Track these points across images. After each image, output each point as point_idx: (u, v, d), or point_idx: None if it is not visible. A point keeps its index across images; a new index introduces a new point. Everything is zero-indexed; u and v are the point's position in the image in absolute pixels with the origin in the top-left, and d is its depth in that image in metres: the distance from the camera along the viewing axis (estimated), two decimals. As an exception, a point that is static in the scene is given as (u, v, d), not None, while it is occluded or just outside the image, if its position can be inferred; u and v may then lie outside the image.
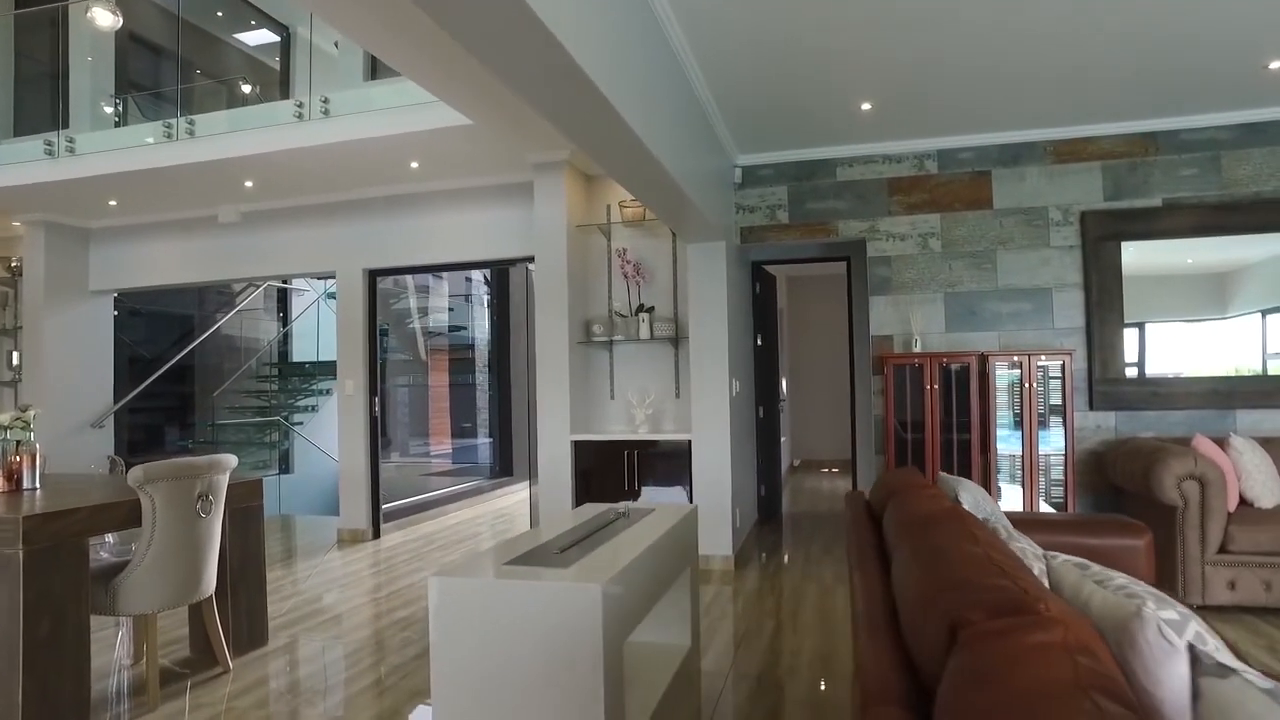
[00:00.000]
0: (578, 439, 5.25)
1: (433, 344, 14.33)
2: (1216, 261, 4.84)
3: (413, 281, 13.16)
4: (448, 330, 14.53)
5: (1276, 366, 4.68)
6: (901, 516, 1.95)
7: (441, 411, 14.33)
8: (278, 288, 9.82)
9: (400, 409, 13.88)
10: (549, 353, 5.31)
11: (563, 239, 5.30)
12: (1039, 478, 4.73)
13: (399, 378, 13.48)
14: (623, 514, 2.93)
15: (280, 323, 10.01)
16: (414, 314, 13.21)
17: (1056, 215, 4.99)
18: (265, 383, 9.34)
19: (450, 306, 14.76)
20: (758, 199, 5.48)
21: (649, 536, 2.52)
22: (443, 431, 14.29)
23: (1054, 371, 4.75)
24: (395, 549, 5.83)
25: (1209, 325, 4.82)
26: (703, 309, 5.06)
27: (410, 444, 13.64)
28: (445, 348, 14.34)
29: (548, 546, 2.37)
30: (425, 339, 13.62)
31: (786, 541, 5.80)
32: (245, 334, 9.85)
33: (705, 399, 5.03)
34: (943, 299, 5.14)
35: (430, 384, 14.30)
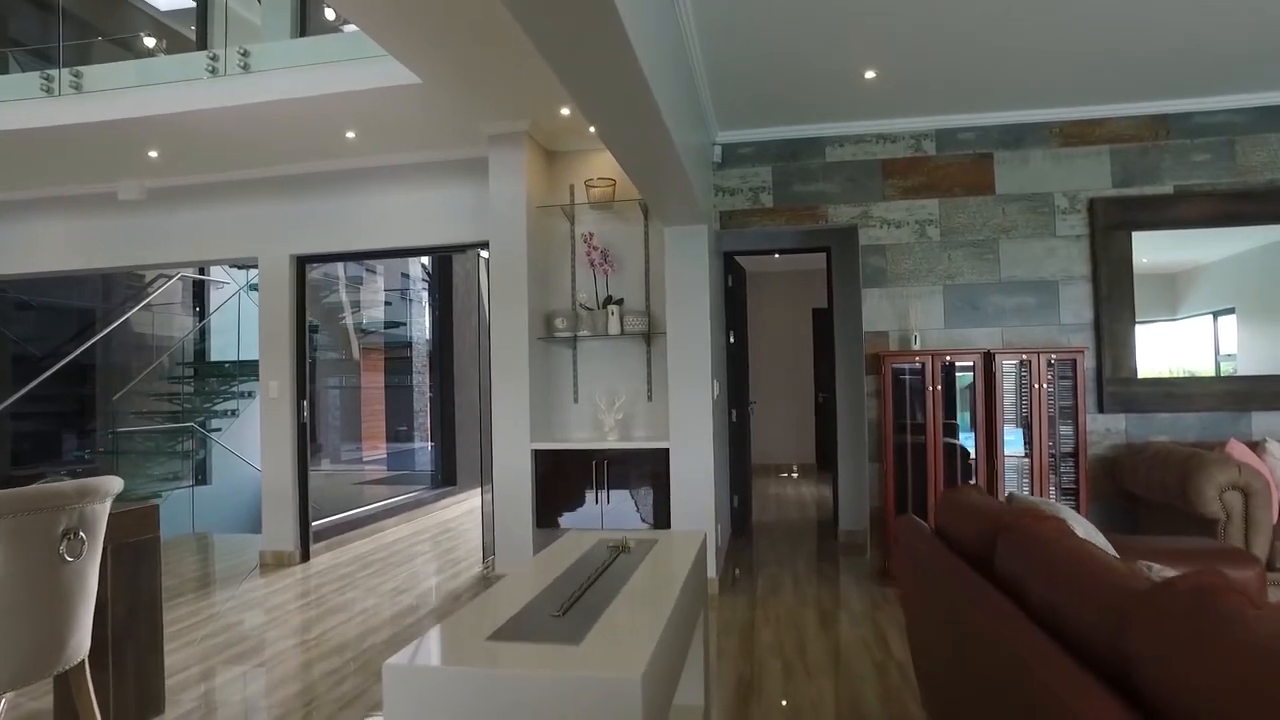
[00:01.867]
0: (539, 448, 4.64)
1: (367, 342, 13.45)
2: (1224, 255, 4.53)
3: (344, 272, 12.29)
4: (384, 327, 13.66)
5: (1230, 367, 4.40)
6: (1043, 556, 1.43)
7: (377, 415, 13.46)
8: (193, 279, 8.88)
9: (331, 413, 12.97)
10: (505, 350, 4.68)
11: (521, 221, 4.69)
12: (1049, 485, 4.33)
13: (330, 378, 12.57)
14: (624, 548, 2.35)
15: (196, 317, 9.07)
16: (346, 309, 12.35)
17: (1063, 202, 4.61)
18: (180, 384, 8.41)
19: (387, 300, 13.90)
20: (739, 180, 4.96)
21: (668, 585, 1.95)
22: (379, 437, 13.41)
23: (1064, 371, 4.36)
24: (326, 574, 5.11)
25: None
26: (682, 300, 4.51)
27: (343, 451, 12.74)
28: (381, 346, 13.47)
29: (539, 605, 1.78)
30: (359, 336, 12.76)
31: (767, 558, 5.29)
32: (159, 331, 8.88)
33: (684, 402, 4.48)
34: (942, 292, 4.71)
35: (365, 385, 13.42)
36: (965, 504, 2.07)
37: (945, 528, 2.14)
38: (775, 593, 4.41)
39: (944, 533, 2.14)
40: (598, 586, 1.93)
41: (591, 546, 2.43)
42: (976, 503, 2.01)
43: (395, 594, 4.57)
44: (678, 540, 2.47)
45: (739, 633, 3.72)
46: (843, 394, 5.76)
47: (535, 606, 1.76)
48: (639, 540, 2.49)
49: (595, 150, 4.99)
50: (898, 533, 2.44)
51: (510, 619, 1.68)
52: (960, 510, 2.06)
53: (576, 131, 4.80)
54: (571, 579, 2.01)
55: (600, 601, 1.79)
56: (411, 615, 4.13)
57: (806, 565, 5.04)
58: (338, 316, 12.18)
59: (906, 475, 4.50)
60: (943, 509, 2.22)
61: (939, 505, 2.30)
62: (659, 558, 2.23)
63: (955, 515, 2.09)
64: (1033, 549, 1.50)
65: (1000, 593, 1.57)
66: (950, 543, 2.04)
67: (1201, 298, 4.53)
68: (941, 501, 2.28)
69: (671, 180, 3.69)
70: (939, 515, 2.25)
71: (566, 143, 4.98)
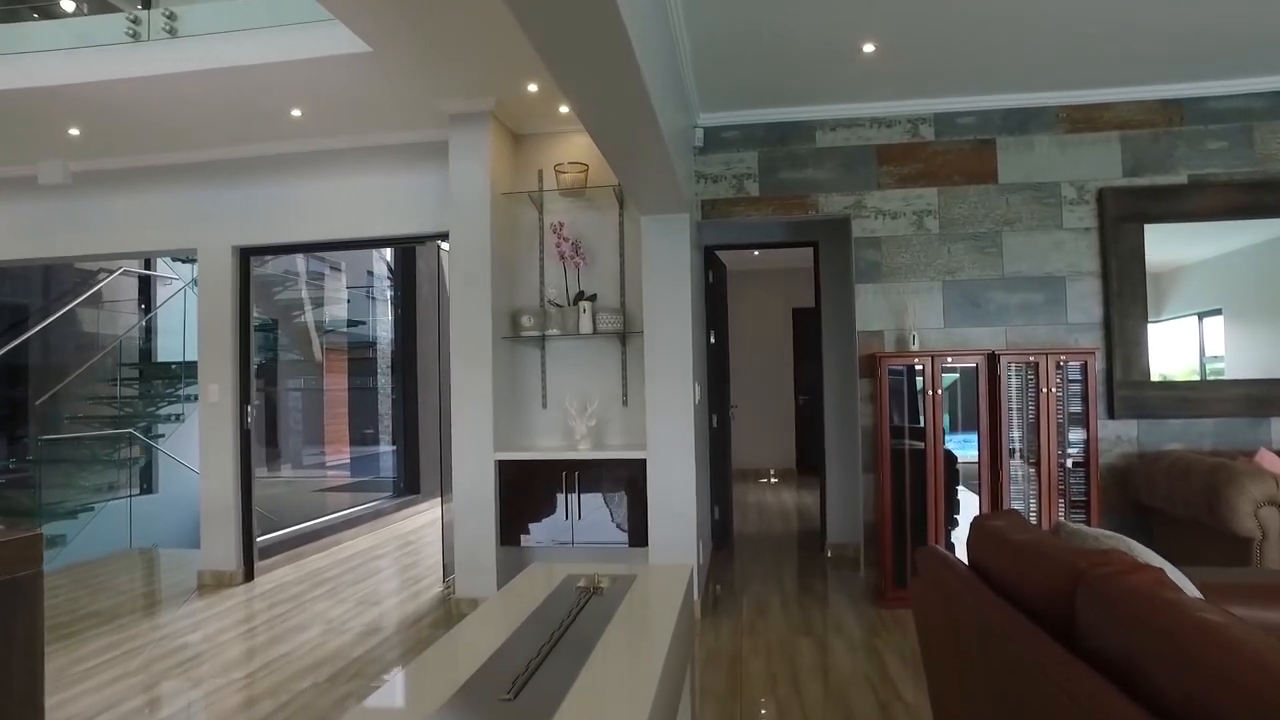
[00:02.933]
0: (503, 457, 4.22)
1: (329, 341, 12.91)
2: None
3: (304, 267, 11.77)
4: (347, 325, 13.13)
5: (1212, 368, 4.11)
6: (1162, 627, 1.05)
7: (340, 419, 12.94)
8: (139, 274, 8.33)
9: (293, 416, 12.43)
10: (466, 351, 4.26)
11: (485, 209, 4.27)
12: (1057, 498, 4.00)
13: (290, 380, 12.03)
14: (595, 590, 1.95)
15: (142, 314, 8.51)
16: (306, 306, 11.82)
17: (1070, 192, 4.29)
18: (123, 387, 7.85)
19: (349, 299, 13.38)
20: (722, 166, 4.58)
21: (649, 649, 1.56)
22: (342, 442, 12.89)
23: (1073, 374, 4.03)
24: (272, 596, 4.64)
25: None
26: (661, 296, 4.11)
27: (305, 457, 12.20)
28: (345, 346, 12.95)
29: (486, 680, 1.37)
30: (321, 336, 12.22)
31: (751, 576, 4.92)
32: (104, 329, 8.31)
33: (663, 408, 4.09)
34: (941, 288, 4.37)
35: (326, 388, 12.89)
36: (1012, 540, 1.70)
37: (986, 565, 1.77)
38: (763, 615, 4.03)
39: (985, 571, 1.77)
40: (563, 647, 1.53)
41: (558, 585, 2.03)
42: (1029, 540, 1.64)
43: (344, 620, 4.12)
44: (658, 578, 2.08)
45: (726, 665, 3.33)
46: (831, 398, 5.40)
47: (481, 681, 1.36)
48: (613, 578, 2.09)
49: (566, 133, 4.59)
50: (919, 567, 2.07)
51: (453, 696, 1.27)
52: (1005, 546, 1.69)
53: (546, 112, 4.40)
54: (531, 635, 1.60)
55: (564, 674, 1.39)
56: (360, 646, 3.69)
57: (794, 583, 4.67)
58: (295, 315, 11.65)
59: (904, 486, 4.15)
60: (981, 542, 1.85)
61: (973, 536, 1.93)
62: (636, 605, 1.83)
63: (999, 551, 1.72)
64: (1140, 615, 1.12)
65: (1084, 663, 1.20)
66: (997, 586, 1.66)
67: (1185, 298, 4.24)
68: (976, 532, 1.91)
69: (653, 163, 3.31)
70: (974, 548, 1.88)
71: (535, 124, 4.57)
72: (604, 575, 2.08)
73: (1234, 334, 4.20)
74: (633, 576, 2.12)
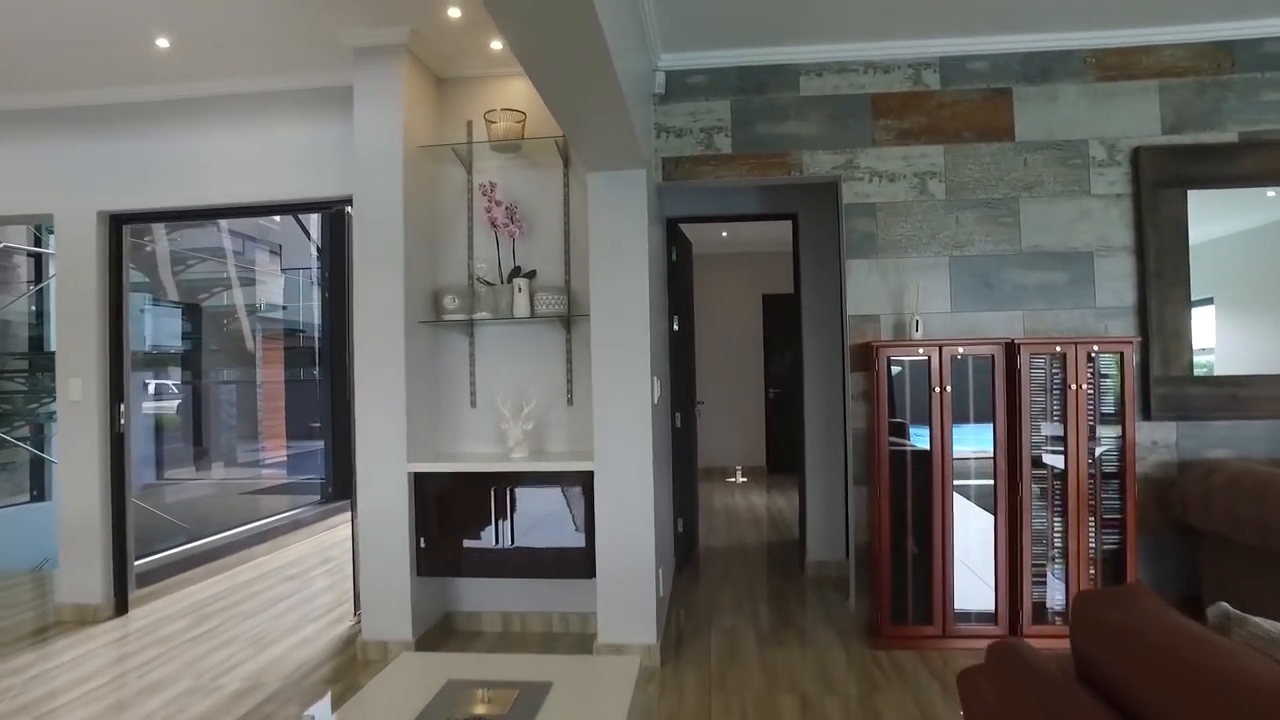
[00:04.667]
0: (420, 469, 3.44)
1: (266, 329, 11.94)
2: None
3: (230, 244, 10.78)
4: (282, 310, 12.17)
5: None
6: None
7: (275, 414, 12.00)
8: (28, 250, 7.34)
9: (224, 411, 11.46)
10: (374, 339, 3.47)
11: (396, 166, 3.47)
12: (1086, 515, 3.34)
13: (218, 372, 11.05)
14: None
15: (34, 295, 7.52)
16: (235, 289, 10.84)
17: (1100, 152, 3.61)
18: (4, 380, 6.89)
19: (285, 280, 12.40)
20: (688, 118, 3.83)
21: None
22: (277, 439, 11.94)
23: (1106, 367, 3.36)
24: (142, 637, 3.81)
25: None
26: (611, 271, 3.35)
27: (236, 456, 11.24)
28: (280, 334, 11.98)
29: None
30: (252, 322, 11.26)
31: (720, 602, 4.20)
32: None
33: (614, 409, 3.34)
34: (947, 265, 3.67)
35: (261, 380, 11.93)
36: (1178, 654, 0.97)
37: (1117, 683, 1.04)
38: (736, 660, 3.31)
39: (1109, 686, 1.04)
40: None
41: (439, 692, 1.27)
42: (1218, 664, 0.91)
43: (220, 672, 3.32)
44: (594, 681, 1.33)
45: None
46: (813, 394, 4.70)
47: None
48: (524, 686, 1.34)
49: (502, 76, 3.80)
50: (995, 667, 1.35)
51: None
52: (1163, 662, 0.97)
53: (475, 49, 3.60)
54: None
55: None
56: (228, 714, 2.90)
57: (772, 613, 3.96)
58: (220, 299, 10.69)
59: (905, 502, 3.46)
60: (1103, 641, 1.13)
61: (1079, 623, 1.22)
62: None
63: (1148, 666, 0.99)
64: None
65: None
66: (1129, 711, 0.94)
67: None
68: (1083, 618, 1.20)
69: (604, 112, 2.59)
70: (1084, 642, 1.16)
71: (463, 65, 3.77)
72: (501, 688, 1.33)
73: (1226, 324, 3.57)
74: (549, 685, 1.37)
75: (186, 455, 10.65)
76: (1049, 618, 3.36)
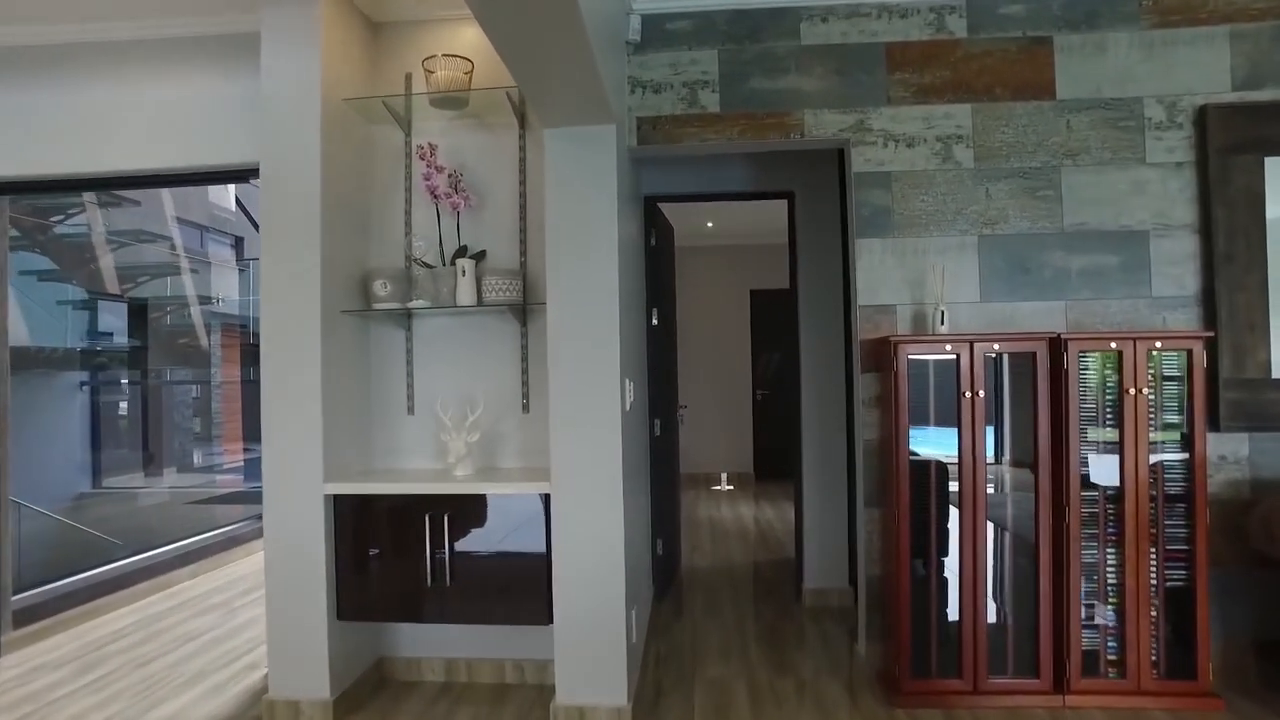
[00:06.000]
0: (340, 491, 2.82)
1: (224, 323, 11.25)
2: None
3: (180, 236, 10.07)
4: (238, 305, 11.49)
5: None
6: None
7: (233, 415, 11.30)
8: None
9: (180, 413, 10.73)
10: (283, 333, 2.84)
11: (313, 123, 2.84)
12: (1146, 544, 2.76)
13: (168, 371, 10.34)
14: None
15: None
16: (188, 283, 10.14)
17: (1157, 112, 3.04)
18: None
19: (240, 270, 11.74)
20: (668, 70, 3.22)
21: None
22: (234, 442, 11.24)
23: (1170, 368, 2.79)
24: (8, 691, 3.16)
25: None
26: (576, 248, 2.74)
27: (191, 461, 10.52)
28: (238, 329, 11.29)
29: None
30: (205, 315, 10.57)
31: (705, 646, 3.60)
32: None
33: (578, 417, 2.72)
34: (976, 246, 3.09)
35: (218, 379, 11.24)
36: None
37: None
38: (726, 713, 2.72)
39: None
40: None
41: None
42: None
43: (88, 742, 2.69)
44: None
45: None
46: (810, 397, 4.10)
47: None
48: None
49: (449, 20, 3.19)
50: None
51: None
52: None
53: (410, -19, 2.99)
54: None
55: None
56: (75, 809, 2.27)
57: (767, 658, 3.36)
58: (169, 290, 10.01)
59: (929, 525, 2.88)
60: None
61: None
62: None
63: None
64: None
65: None
66: None
67: None
68: None
69: (568, 62, 1.97)
70: None
71: (401, 7, 3.14)
72: None
73: None
74: None
75: (134, 461, 9.93)
76: (1101, 670, 2.78)
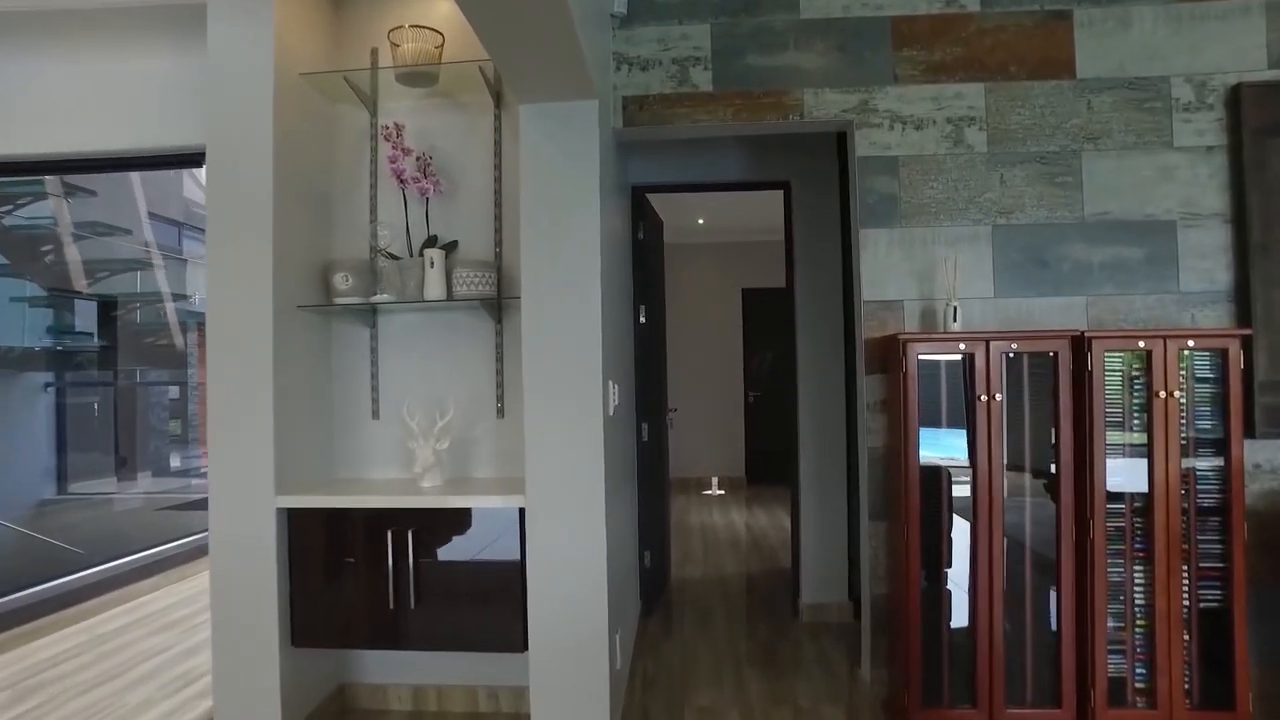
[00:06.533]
0: (293, 505, 2.55)
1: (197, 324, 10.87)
2: None
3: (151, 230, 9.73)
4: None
5: None
6: None
7: (202, 419, 10.89)
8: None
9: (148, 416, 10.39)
10: (230, 329, 2.57)
11: (265, 100, 2.57)
12: (1178, 562, 2.52)
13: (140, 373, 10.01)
14: None
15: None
16: (161, 279, 9.81)
17: (1186, 92, 2.81)
18: None
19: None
20: (656, 46, 2.97)
21: None
22: (202, 448, 10.83)
23: (1203, 369, 2.56)
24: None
25: None
26: (554, 236, 2.48)
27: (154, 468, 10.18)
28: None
29: None
30: (181, 315, 10.23)
31: (697, 668, 3.35)
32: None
33: (556, 423, 2.47)
34: (990, 237, 2.85)
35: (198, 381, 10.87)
36: None
37: None
38: (717, 761, 2.47)
39: None
40: None
41: None
42: None
43: (10, 785, 2.41)
44: None
45: None
46: (808, 399, 3.86)
47: None
48: None
49: (415, -11, 2.93)
50: None
51: None
52: None
53: (374, -56, 2.72)
54: None
55: None
56: None
57: (763, 683, 3.10)
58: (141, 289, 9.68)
59: (939, 540, 2.64)
60: None
61: None
62: None
63: None
64: None
65: None
66: None
67: None
68: None
69: (547, 37, 1.71)
70: None
71: (364, -27, 2.89)
72: None
73: None
74: None
75: (106, 465, 9.59)
76: (1128, 699, 2.54)
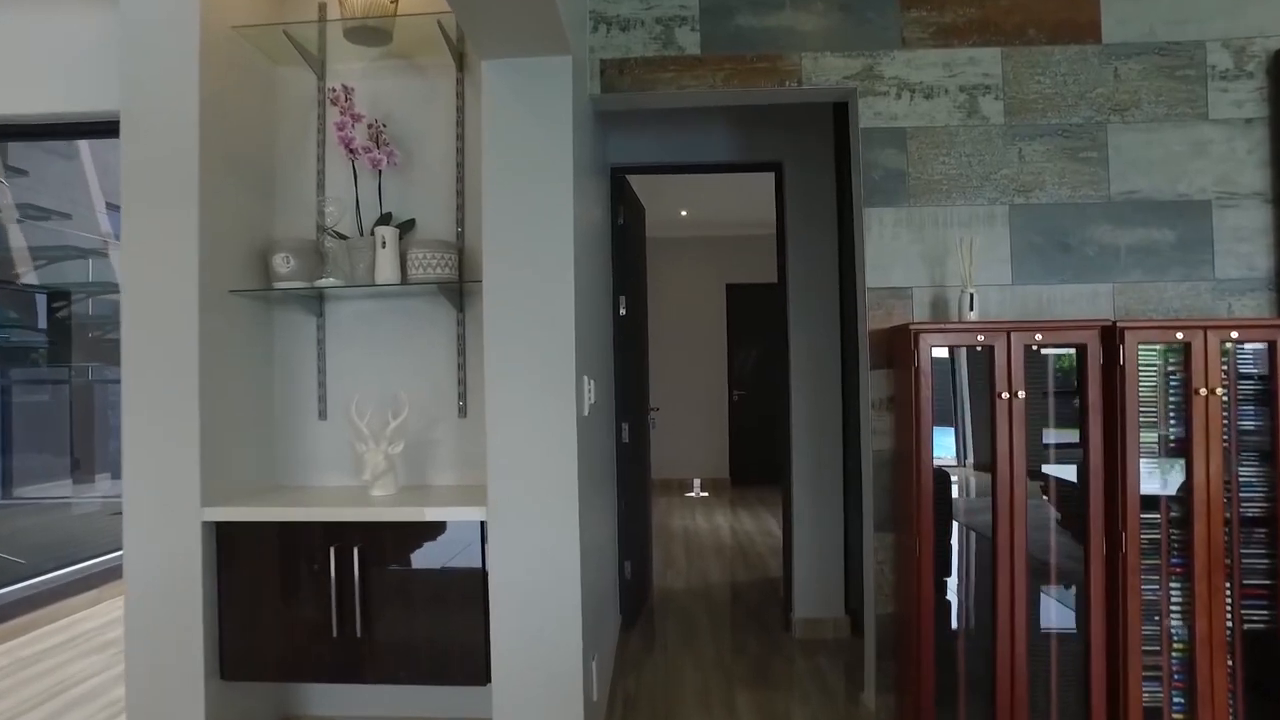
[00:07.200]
0: (222, 518, 2.23)
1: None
2: None
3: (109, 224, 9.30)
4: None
5: None
6: None
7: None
8: None
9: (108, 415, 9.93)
10: (148, 316, 2.24)
11: (189, 56, 2.25)
12: (1221, 579, 2.26)
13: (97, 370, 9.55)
14: None
15: None
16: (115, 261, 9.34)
17: (1222, 58, 2.55)
18: None
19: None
20: (638, 5, 2.67)
21: None
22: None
23: (1246, 364, 2.30)
24: None
25: None
26: (520, 212, 2.18)
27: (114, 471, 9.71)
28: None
29: None
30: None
31: (683, 688, 3.06)
32: None
33: (522, 425, 2.16)
34: (1007, 216, 2.58)
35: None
36: None
37: None
38: (706, 807, 2.17)
39: None
40: None
41: None
42: None
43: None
44: None
45: None
46: (802, 397, 3.57)
47: None
48: None
49: (367, -62, 2.60)
50: None
51: None
52: None
53: (319, -117, 2.41)
54: None
55: None
56: None
57: (754, 709, 2.81)
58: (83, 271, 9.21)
59: (949, 553, 2.37)
60: None
61: None
62: None
63: None
64: None
65: None
66: None
67: None
68: None
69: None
70: None
71: (309, -81, 2.57)
72: None
73: None
74: None
75: (60, 468, 9.15)
76: (1165, 731, 2.28)
